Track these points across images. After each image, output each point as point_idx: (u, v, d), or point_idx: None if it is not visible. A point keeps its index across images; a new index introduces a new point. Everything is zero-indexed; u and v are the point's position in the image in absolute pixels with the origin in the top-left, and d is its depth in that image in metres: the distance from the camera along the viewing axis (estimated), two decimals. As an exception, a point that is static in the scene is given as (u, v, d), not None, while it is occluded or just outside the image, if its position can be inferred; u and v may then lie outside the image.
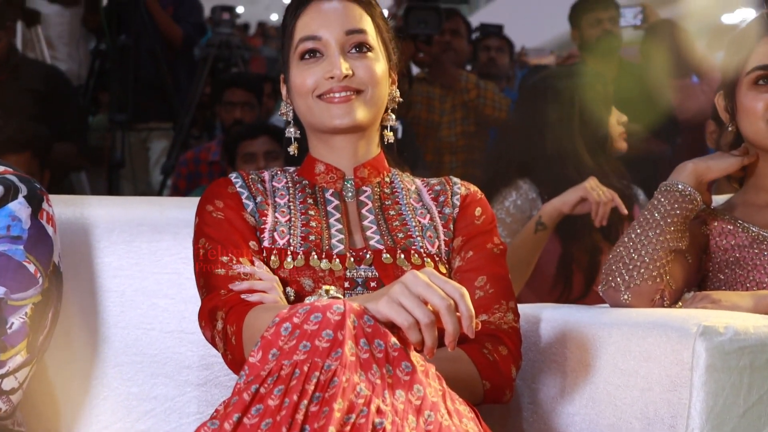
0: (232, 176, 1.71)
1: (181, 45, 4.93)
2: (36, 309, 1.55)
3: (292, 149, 1.72)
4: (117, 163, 4.71)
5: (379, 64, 1.67)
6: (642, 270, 1.69)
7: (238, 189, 1.67)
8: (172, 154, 4.64)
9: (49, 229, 1.60)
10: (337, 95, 1.63)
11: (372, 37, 1.67)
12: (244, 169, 3.89)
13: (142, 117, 4.77)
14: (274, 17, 18.83)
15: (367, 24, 1.68)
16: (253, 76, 5.13)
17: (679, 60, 3.99)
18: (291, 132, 1.72)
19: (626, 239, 1.73)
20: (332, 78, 1.63)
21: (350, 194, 1.70)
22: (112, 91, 4.79)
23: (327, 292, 1.41)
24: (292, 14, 1.70)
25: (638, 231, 1.72)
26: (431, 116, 4.13)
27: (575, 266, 2.54)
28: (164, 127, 4.91)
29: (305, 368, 1.22)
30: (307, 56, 1.66)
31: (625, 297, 1.70)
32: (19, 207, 1.58)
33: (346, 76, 1.63)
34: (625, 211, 2.39)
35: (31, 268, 1.55)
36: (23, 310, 1.54)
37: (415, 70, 4.43)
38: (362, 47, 1.66)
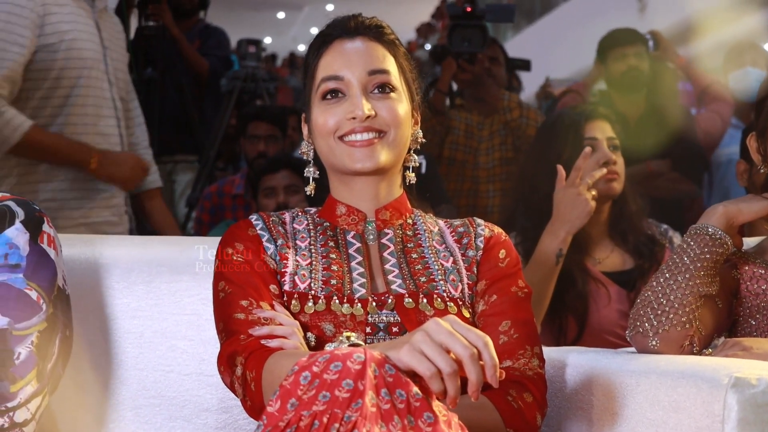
0: (253, 218, 1.69)
1: (207, 78, 4.93)
2: (42, 336, 1.52)
3: (310, 189, 1.70)
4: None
5: (402, 104, 1.66)
6: (671, 315, 1.66)
7: (259, 231, 1.66)
8: (197, 187, 4.63)
9: (51, 252, 1.57)
10: (359, 137, 1.62)
11: (395, 77, 1.66)
12: (264, 204, 3.98)
13: (168, 149, 4.77)
14: (302, 47, 18.98)
15: (390, 64, 1.67)
16: (278, 109, 5.13)
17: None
18: (310, 171, 1.71)
19: (654, 283, 1.70)
20: (354, 119, 1.62)
21: (372, 237, 1.68)
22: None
23: (348, 338, 1.38)
24: (314, 53, 1.69)
25: (667, 275, 1.69)
26: (469, 142, 4.09)
27: (568, 311, 2.52)
28: (189, 160, 4.91)
29: (325, 419, 1.19)
30: (329, 96, 1.65)
31: (654, 343, 1.67)
32: (16, 233, 1.55)
33: (368, 117, 1.62)
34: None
35: (33, 295, 1.52)
36: (29, 339, 1.51)
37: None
38: (385, 88, 1.65)
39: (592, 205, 2.42)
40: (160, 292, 1.80)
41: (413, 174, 1.72)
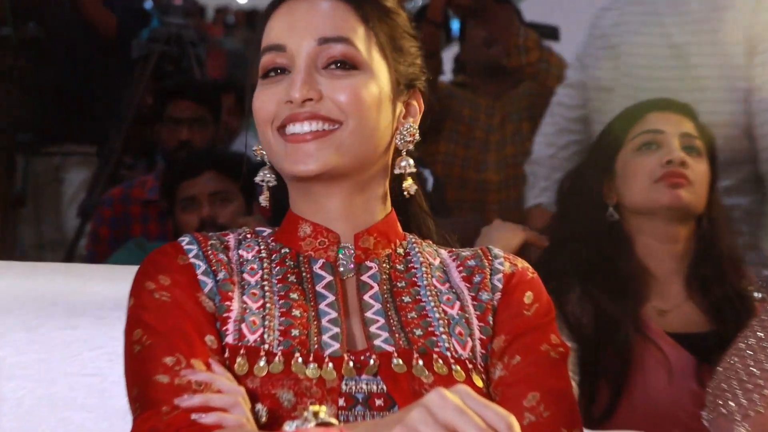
0: (184, 241, 1.67)
1: (113, 38, 4.90)
2: None
3: (264, 199, 1.70)
4: (15, 200, 4.63)
5: (369, 85, 1.64)
6: (766, 391, 1.66)
7: (192, 260, 1.63)
8: (95, 189, 4.58)
9: None
10: (299, 128, 1.61)
11: (360, 48, 1.65)
12: (184, 220, 3.85)
13: (55, 137, 4.74)
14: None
15: (354, 30, 1.65)
16: (209, 84, 5.11)
17: None
18: (265, 176, 1.70)
19: (743, 346, 1.71)
20: (290, 102, 1.62)
21: (347, 268, 1.67)
22: (11, 99, 4.79)
23: (315, 414, 1.35)
24: (264, 16, 1.71)
25: (760, 335, 1.69)
26: (474, 133, 4.10)
27: (601, 373, 2.51)
28: (85, 152, 4.86)
29: None
30: (271, 74, 1.66)
31: (742, 430, 1.67)
32: None
33: (307, 100, 1.61)
34: None
35: None
36: None
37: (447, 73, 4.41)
38: (343, 63, 1.64)
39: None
40: (49, 342, 1.77)
41: (410, 182, 1.70)
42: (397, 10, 1.76)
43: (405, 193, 1.71)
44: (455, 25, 4.49)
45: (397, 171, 1.71)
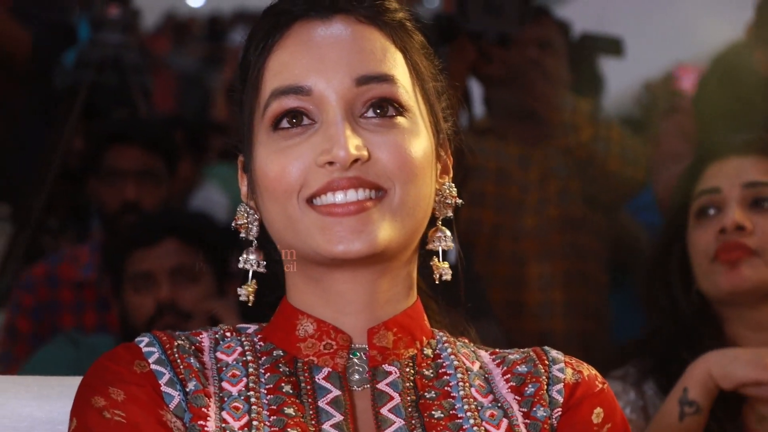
0: (142, 342, 1.67)
1: (26, 62, 5.02)
2: None
3: (246, 293, 1.72)
4: None
5: (418, 138, 1.67)
6: None
7: (153, 366, 1.64)
8: (8, 267, 4.67)
9: None
10: (341, 197, 1.64)
11: (405, 88, 1.68)
12: (134, 303, 3.76)
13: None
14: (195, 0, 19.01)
15: (397, 66, 1.69)
16: (159, 122, 5.14)
17: None
18: (250, 261, 1.72)
19: None
20: (331, 164, 1.63)
21: (361, 378, 1.69)
22: None
23: None
24: (259, 45, 1.71)
25: None
26: (504, 191, 4.13)
27: None
28: (-6, 214, 4.93)
29: None
30: (286, 123, 1.67)
31: None
32: None
33: (356, 161, 1.63)
34: None
35: None
36: None
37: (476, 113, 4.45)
38: (386, 107, 1.66)
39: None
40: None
41: (446, 265, 1.74)
42: (420, 35, 1.81)
43: (436, 276, 1.74)
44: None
45: (430, 246, 1.74)
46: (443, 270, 1.70)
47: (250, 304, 1.71)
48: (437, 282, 1.73)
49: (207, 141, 6.15)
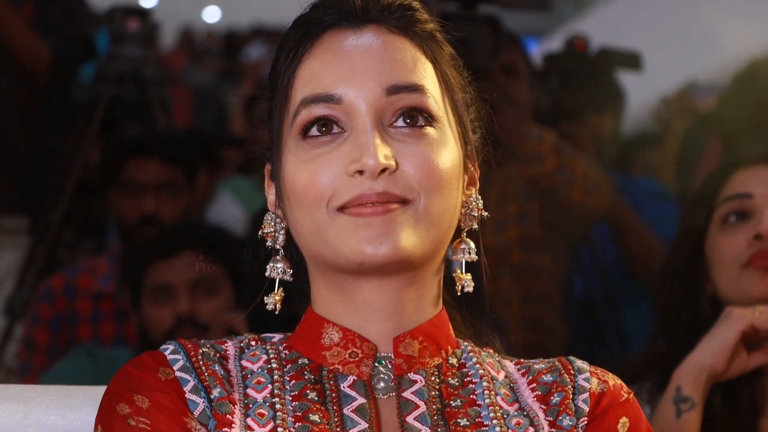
0: (167, 350, 1.68)
1: (47, 76, 5.01)
2: None
3: (273, 302, 1.72)
4: None
5: (446, 149, 1.68)
6: None
7: (178, 374, 1.65)
8: (26, 279, 4.65)
9: None
10: (369, 205, 1.63)
11: (435, 98, 1.68)
12: (154, 316, 3.74)
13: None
14: (211, 15, 19.05)
15: (427, 76, 1.69)
16: (178, 136, 5.10)
17: None
18: (278, 269, 1.72)
19: None
20: (361, 173, 1.63)
21: (386, 386, 1.69)
22: None
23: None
24: (289, 54, 1.71)
25: None
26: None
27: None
28: (13, 227, 4.94)
29: None
30: (315, 132, 1.67)
31: None
32: None
33: (384, 170, 1.63)
34: None
35: None
36: None
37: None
38: (416, 117, 1.66)
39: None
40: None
41: (468, 276, 1.74)
42: (449, 46, 1.81)
43: (458, 287, 1.75)
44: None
45: (454, 258, 1.75)
46: (465, 282, 1.69)
47: (276, 313, 1.68)
48: (459, 293, 1.69)
49: (222, 154, 6.13)
